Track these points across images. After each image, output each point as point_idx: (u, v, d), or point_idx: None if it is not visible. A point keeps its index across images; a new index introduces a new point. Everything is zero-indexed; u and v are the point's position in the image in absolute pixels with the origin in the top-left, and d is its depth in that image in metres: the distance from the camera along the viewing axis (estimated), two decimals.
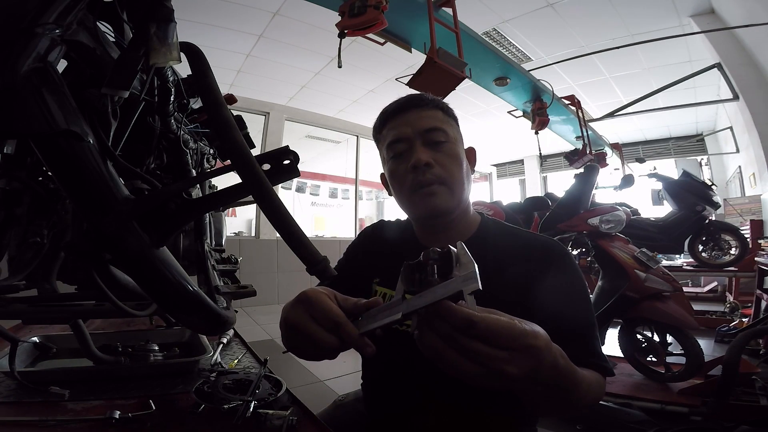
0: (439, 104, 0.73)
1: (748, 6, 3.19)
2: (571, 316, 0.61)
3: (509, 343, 0.34)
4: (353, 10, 1.91)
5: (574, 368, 0.46)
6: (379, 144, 0.76)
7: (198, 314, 0.42)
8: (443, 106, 0.73)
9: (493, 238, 0.71)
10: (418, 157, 0.66)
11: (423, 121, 0.69)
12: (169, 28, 0.42)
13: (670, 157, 6.74)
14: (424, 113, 0.70)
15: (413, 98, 0.72)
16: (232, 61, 4.41)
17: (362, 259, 0.82)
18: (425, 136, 0.68)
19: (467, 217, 0.74)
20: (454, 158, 0.69)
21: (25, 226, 0.67)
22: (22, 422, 0.60)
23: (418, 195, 0.68)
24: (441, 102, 0.73)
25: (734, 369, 1.44)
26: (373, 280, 0.77)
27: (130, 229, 0.36)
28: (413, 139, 0.68)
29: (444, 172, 0.67)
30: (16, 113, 0.32)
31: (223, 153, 1.12)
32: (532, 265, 0.65)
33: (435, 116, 0.71)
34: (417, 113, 0.70)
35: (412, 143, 0.68)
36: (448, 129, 0.70)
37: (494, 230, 0.74)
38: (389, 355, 0.71)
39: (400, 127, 0.70)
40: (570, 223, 2.29)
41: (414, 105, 0.71)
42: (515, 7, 3.56)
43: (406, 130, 0.69)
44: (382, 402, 0.74)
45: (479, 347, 0.33)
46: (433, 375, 0.54)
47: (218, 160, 1.24)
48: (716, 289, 4.65)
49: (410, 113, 0.70)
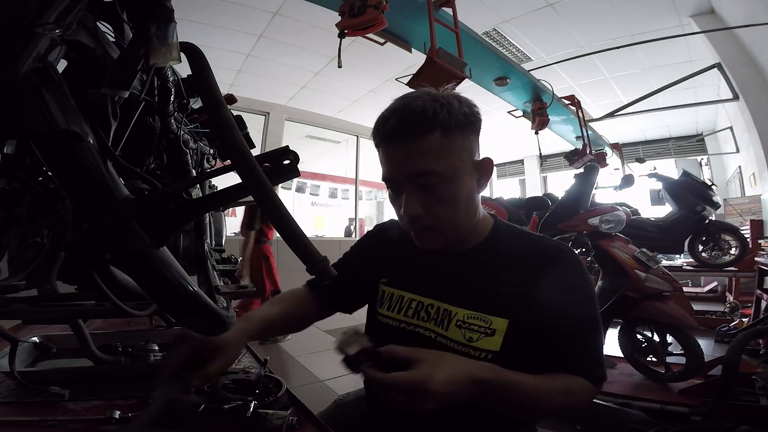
0: (435, 124, 0.59)
1: (748, 6, 3.19)
2: (571, 321, 0.61)
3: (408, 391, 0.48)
4: (353, 10, 1.91)
5: (515, 379, 0.54)
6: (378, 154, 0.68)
7: (198, 314, 0.42)
8: (443, 122, 0.59)
9: (506, 242, 0.70)
10: (406, 210, 0.62)
11: (412, 163, 0.60)
12: (169, 28, 0.42)
13: (670, 157, 6.75)
14: (416, 147, 0.59)
15: (403, 124, 0.60)
16: (232, 61, 4.41)
17: (369, 258, 0.81)
18: (415, 180, 0.61)
19: (476, 227, 0.71)
20: (448, 202, 0.62)
21: (25, 226, 0.67)
22: (22, 422, 0.60)
23: (412, 234, 0.67)
24: (439, 117, 0.59)
25: (734, 369, 1.44)
26: (380, 280, 0.77)
27: (130, 229, 0.36)
28: (403, 182, 0.62)
29: (434, 220, 0.63)
30: (16, 113, 0.32)
31: (223, 153, 1.12)
32: (541, 267, 0.64)
33: (428, 149, 0.59)
34: (407, 149, 0.60)
35: (401, 185, 0.63)
36: (444, 163, 0.60)
37: (507, 234, 0.72)
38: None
39: (390, 163, 0.63)
40: (570, 223, 2.29)
41: (405, 135, 0.60)
42: (515, 7, 3.56)
43: (394, 171, 0.63)
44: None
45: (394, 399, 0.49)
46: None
47: (218, 160, 1.24)
48: (716, 289, 4.65)
49: (401, 147, 0.61)
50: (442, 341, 0.65)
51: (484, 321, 0.63)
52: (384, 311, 0.73)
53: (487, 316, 0.63)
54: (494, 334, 0.62)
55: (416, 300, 0.70)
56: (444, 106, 0.60)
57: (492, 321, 0.62)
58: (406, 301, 0.71)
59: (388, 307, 0.73)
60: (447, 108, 0.60)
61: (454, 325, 0.64)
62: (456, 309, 0.65)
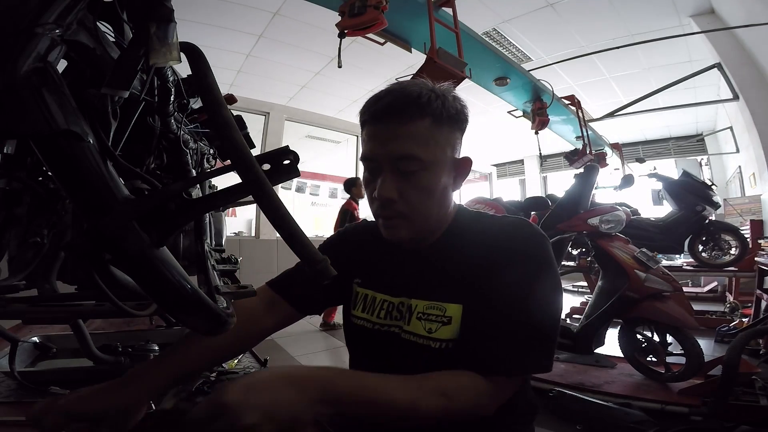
0: (427, 110, 0.60)
1: (748, 6, 3.19)
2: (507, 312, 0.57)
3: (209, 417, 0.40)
4: (353, 10, 1.91)
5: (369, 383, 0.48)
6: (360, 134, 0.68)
7: (198, 314, 0.42)
8: (434, 111, 0.60)
9: (466, 229, 0.68)
10: (381, 191, 0.61)
11: (397, 145, 0.60)
12: (169, 28, 0.42)
13: (670, 157, 6.75)
14: (403, 129, 0.59)
15: (396, 105, 0.60)
16: (232, 61, 4.41)
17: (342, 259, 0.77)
18: (396, 163, 0.60)
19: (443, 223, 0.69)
20: (424, 191, 0.62)
21: (25, 226, 0.67)
22: (22, 422, 0.60)
23: (380, 221, 0.66)
24: (432, 105, 0.60)
25: (734, 369, 1.44)
26: (354, 280, 0.76)
27: (130, 229, 0.36)
28: (382, 162, 0.61)
29: (407, 207, 0.62)
30: (16, 113, 0.32)
31: (223, 153, 1.12)
32: (496, 247, 0.62)
33: (415, 134, 0.59)
34: (395, 129, 0.60)
35: (381, 166, 0.62)
36: (428, 151, 0.60)
37: (468, 221, 0.69)
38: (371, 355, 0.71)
39: (374, 142, 0.62)
40: (570, 223, 2.29)
41: (394, 116, 0.60)
42: (515, 7, 3.56)
43: (378, 150, 0.61)
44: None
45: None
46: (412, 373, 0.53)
47: (218, 160, 1.24)
48: (716, 289, 4.65)
49: (388, 127, 0.60)
50: (405, 337, 0.64)
51: (440, 309, 0.61)
52: (358, 313, 0.73)
53: (442, 304, 0.61)
54: (450, 322, 0.60)
55: (387, 300, 0.69)
56: (439, 97, 0.61)
57: (447, 308, 0.61)
58: (378, 302, 0.70)
59: (362, 308, 0.72)
60: (441, 99, 0.61)
61: (415, 318, 0.63)
62: (416, 302, 0.64)
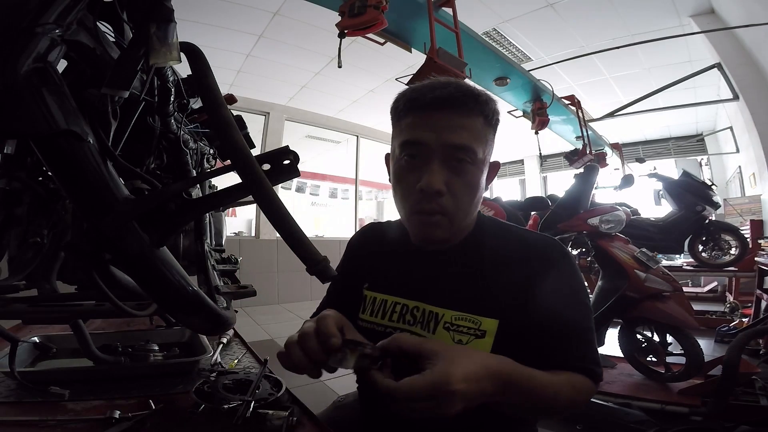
0: (484, 110, 0.60)
1: (748, 6, 3.19)
2: (567, 318, 0.59)
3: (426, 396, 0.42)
4: (353, 10, 1.90)
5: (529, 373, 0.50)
6: (394, 129, 0.66)
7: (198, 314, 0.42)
8: (488, 112, 0.60)
9: (489, 237, 0.68)
10: (430, 181, 0.57)
11: (454, 133, 0.58)
12: (169, 28, 0.42)
13: (670, 157, 6.74)
14: (460, 121, 0.58)
15: (458, 97, 0.58)
16: (232, 61, 4.41)
17: (354, 264, 0.79)
18: (449, 152, 0.58)
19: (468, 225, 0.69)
20: (471, 187, 0.61)
21: (25, 226, 0.67)
22: (22, 422, 0.60)
23: (416, 218, 0.62)
24: (488, 106, 0.60)
25: (734, 369, 1.44)
26: (363, 285, 0.74)
27: (130, 230, 0.36)
28: (433, 151, 0.58)
29: (452, 204, 0.60)
30: (16, 113, 0.32)
31: (223, 153, 1.12)
32: (530, 264, 0.63)
33: (472, 128, 0.59)
34: (451, 119, 0.58)
35: (430, 154, 0.59)
36: (480, 147, 0.60)
37: (491, 229, 0.70)
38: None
39: (424, 129, 0.59)
40: (570, 223, 2.29)
41: (454, 106, 0.58)
42: (515, 7, 3.56)
43: (430, 136, 0.58)
44: (378, 403, 0.74)
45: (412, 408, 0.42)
46: None
47: (218, 160, 1.24)
48: (716, 289, 4.65)
49: (447, 116, 0.58)
50: None
51: (473, 322, 0.61)
52: (366, 317, 0.71)
53: (476, 317, 0.61)
54: (484, 336, 0.60)
55: (400, 303, 0.67)
56: (491, 100, 0.62)
57: (482, 322, 0.60)
58: (390, 304, 0.68)
59: (371, 312, 0.70)
60: (492, 103, 0.62)
61: (442, 328, 0.62)
62: (443, 311, 0.63)
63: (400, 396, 0.42)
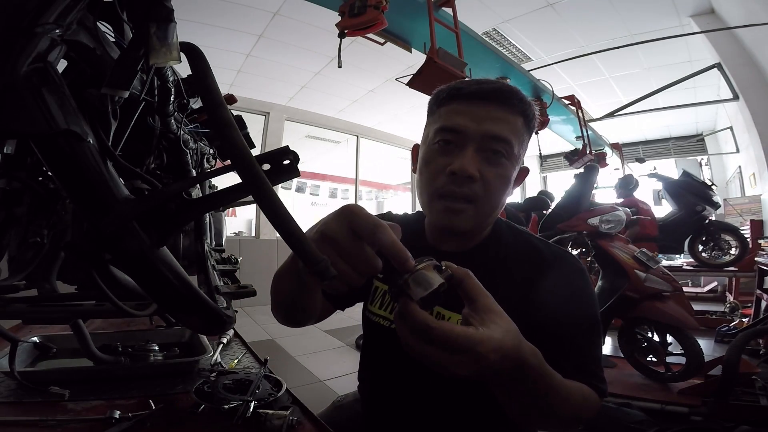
0: (525, 110, 0.61)
1: (748, 6, 3.19)
2: (573, 330, 0.59)
3: (456, 348, 0.37)
4: (353, 10, 1.91)
5: (550, 372, 0.47)
6: (431, 117, 0.66)
7: (198, 314, 0.42)
8: (529, 114, 0.61)
9: (506, 242, 0.68)
10: (463, 164, 0.57)
11: (494, 124, 0.58)
12: (169, 28, 0.42)
13: (670, 157, 6.74)
14: (502, 114, 0.59)
15: (503, 90, 0.60)
16: (232, 61, 4.41)
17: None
18: (486, 142, 0.58)
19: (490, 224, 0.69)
20: (503, 180, 0.60)
21: (25, 226, 0.67)
22: (22, 422, 0.60)
23: (441, 203, 0.60)
24: (530, 108, 0.62)
25: (734, 369, 1.44)
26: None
27: (130, 229, 0.36)
28: (470, 139, 0.58)
29: (483, 192, 0.59)
30: (16, 113, 0.32)
31: (223, 153, 1.12)
32: (542, 272, 0.63)
33: (512, 123, 0.60)
34: (493, 111, 0.59)
35: (466, 142, 0.59)
36: (517, 144, 0.60)
37: (507, 234, 0.70)
38: (386, 356, 0.71)
39: (464, 117, 0.59)
40: (570, 223, 2.29)
41: (498, 100, 0.59)
42: (515, 7, 3.56)
43: (469, 124, 0.58)
44: (378, 402, 0.74)
45: (428, 350, 0.37)
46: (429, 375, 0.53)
47: (218, 160, 1.24)
48: (716, 289, 4.65)
49: (490, 108, 0.59)
50: None
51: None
52: (375, 309, 0.71)
53: None
54: None
55: None
56: (532, 105, 0.63)
57: None
58: None
59: (380, 304, 0.71)
60: (533, 107, 0.63)
61: None
62: (450, 313, 0.63)
63: (435, 335, 0.36)
